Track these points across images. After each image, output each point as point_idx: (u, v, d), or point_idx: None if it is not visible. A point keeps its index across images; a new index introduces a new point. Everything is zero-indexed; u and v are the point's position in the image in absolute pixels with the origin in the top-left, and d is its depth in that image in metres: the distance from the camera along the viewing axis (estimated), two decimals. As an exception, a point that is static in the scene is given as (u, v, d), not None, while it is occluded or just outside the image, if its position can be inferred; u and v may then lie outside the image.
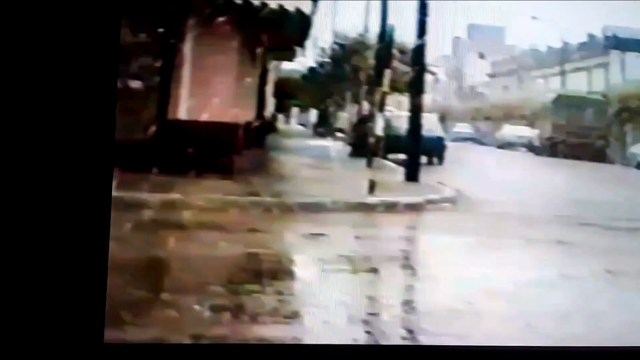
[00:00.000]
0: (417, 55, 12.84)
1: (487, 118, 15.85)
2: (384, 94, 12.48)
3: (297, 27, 11.51)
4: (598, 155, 15.20)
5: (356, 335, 7.01)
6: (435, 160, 14.10)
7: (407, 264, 9.49)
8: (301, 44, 13.13)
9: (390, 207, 11.37)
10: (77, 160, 4.58)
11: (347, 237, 10.11)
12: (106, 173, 4.62)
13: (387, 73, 12.50)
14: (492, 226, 10.93)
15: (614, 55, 16.13)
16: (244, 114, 11.92)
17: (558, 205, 12.03)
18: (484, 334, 7.18)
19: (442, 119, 14.42)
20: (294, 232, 9.86)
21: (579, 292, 8.58)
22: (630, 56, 15.98)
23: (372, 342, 7.05)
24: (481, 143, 15.79)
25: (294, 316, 7.23)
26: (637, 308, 8.09)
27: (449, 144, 14.40)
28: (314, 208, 10.82)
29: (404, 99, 13.01)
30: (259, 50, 12.53)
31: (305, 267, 8.88)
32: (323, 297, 7.87)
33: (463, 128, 15.66)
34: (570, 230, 11.06)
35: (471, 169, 13.48)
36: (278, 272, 8.47)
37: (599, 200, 12.78)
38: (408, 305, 8.22)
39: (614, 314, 7.83)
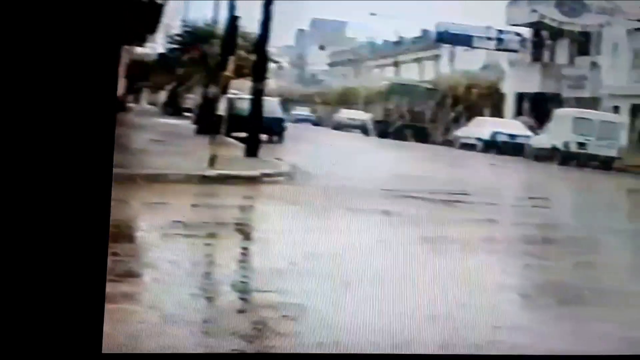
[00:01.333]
0: (260, 45, 12.95)
1: (326, 102, 16.07)
2: (228, 78, 12.59)
3: (149, 14, 11.43)
4: (425, 137, 15.66)
5: (189, 291, 7.15)
6: (275, 138, 14.25)
7: (240, 229, 9.64)
8: (152, 31, 13.06)
9: (229, 179, 11.47)
10: (76, 165, 4.44)
11: (186, 205, 10.17)
12: (105, 177, 4.48)
13: (232, 59, 12.62)
14: (323, 197, 11.15)
15: (445, 48, 16.61)
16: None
17: (385, 180, 12.33)
18: (302, 290, 7.43)
19: (284, 102, 14.59)
20: (137, 200, 9.88)
21: (396, 256, 8.83)
22: (459, 49, 16.51)
23: (205, 299, 7.21)
24: (319, 125, 16.08)
25: (127, 275, 7.30)
26: (447, 270, 8.46)
27: (289, 125, 14.54)
28: (157, 179, 10.83)
29: (248, 83, 13.05)
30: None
31: (143, 231, 8.90)
32: (159, 259, 7.97)
33: (303, 111, 15.90)
34: (394, 202, 11.33)
35: (309, 147, 13.78)
36: (115, 236, 8.47)
37: (423, 176, 13.15)
38: (239, 265, 8.40)
39: (425, 276, 8.20)
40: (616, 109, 15.71)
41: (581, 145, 15.23)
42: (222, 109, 12.91)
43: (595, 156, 15.18)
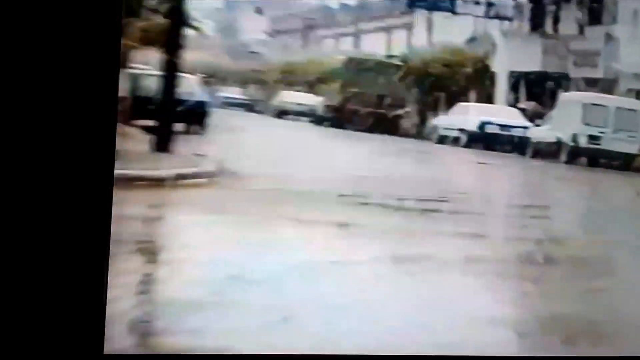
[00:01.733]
0: (175, 6, 12.92)
1: (263, 82, 16.23)
2: (130, 48, 12.49)
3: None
4: (393, 127, 15.83)
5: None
6: (195, 128, 14.28)
7: (143, 248, 9.45)
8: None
9: (130, 182, 11.22)
10: (76, 165, 4.99)
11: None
12: (106, 179, 5.00)
13: (136, 24, 12.52)
14: (258, 205, 11.08)
15: (420, 14, 16.75)
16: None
17: (340, 183, 12.38)
18: (228, 329, 7.23)
19: (207, 80, 14.61)
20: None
21: (354, 281, 8.78)
22: (438, 16, 16.63)
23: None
24: (254, 110, 16.18)
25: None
26: (421, 298, 8.38)
27: (214, 110, 14.56)
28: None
29: (158, 55, 13.06)
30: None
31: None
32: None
33: (233, 92, 16.02)
34: (352, 211, 11.40)
35: (240, 140, 13.78)
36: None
37: (390, 177, 13.20)
38: (139, 297, 8.19)
39: (393, 306, 8.06)
40: (637, 94, 15.93)
41: (593, 138, 15.50)
42: (122, 88, 12.74)
43: (610, 152, 15.46)
